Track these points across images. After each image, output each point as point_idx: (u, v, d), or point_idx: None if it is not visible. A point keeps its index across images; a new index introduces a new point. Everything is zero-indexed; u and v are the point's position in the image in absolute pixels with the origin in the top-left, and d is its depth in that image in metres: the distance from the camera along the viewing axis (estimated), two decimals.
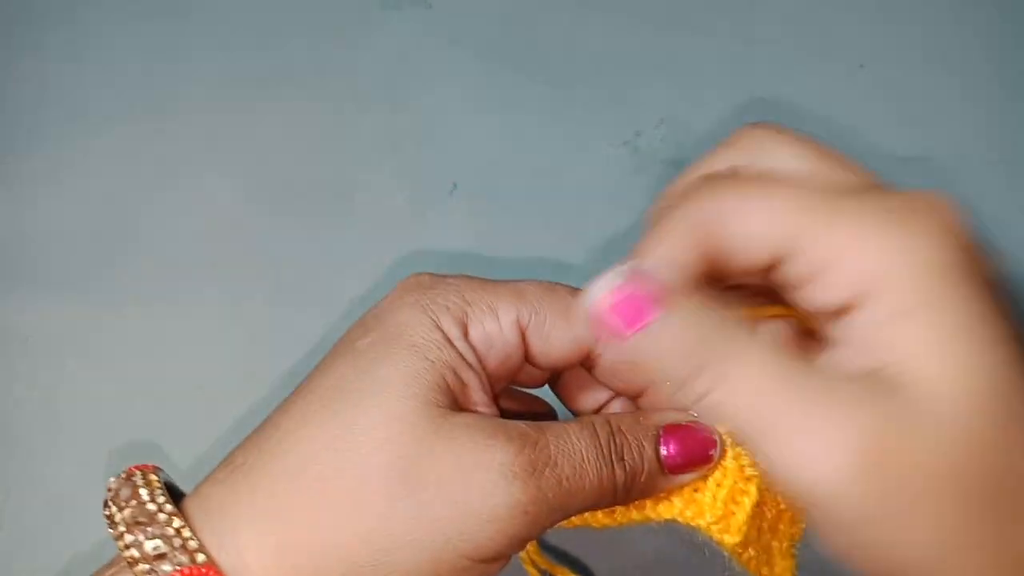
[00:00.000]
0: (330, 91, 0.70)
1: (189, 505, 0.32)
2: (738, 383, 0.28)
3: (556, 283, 0.37)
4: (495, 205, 0.65)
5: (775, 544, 0.37)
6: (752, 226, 0.30)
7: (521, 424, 0.32)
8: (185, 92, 0.70)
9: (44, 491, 0.55)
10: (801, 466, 0.27)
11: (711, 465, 0.33)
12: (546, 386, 0.40)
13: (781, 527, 0.37)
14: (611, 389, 0.38)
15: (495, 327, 0.34)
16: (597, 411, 0.39)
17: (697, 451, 0.33)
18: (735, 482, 0.33)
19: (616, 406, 0.39)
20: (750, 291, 0.34)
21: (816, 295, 0.29)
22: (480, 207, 0.65)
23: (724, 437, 0.33)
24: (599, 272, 0.39)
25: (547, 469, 0.31)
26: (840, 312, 0.29)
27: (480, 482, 0.30)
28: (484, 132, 0.68)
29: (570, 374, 0.39)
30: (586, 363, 0.37)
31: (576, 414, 0.40)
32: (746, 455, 0.33)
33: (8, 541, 0.54)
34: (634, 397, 0.38)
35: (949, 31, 0.71)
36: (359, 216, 0.65)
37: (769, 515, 0.35)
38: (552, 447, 0.32)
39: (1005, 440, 0.25)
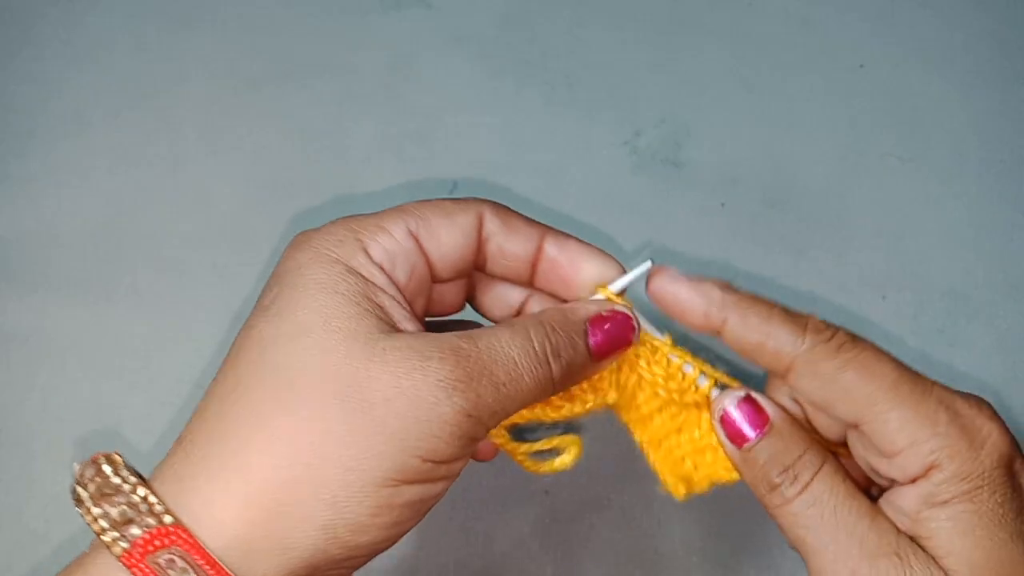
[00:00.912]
0: (329, 90, 0.70)
1: (152, 482, 0.33)
2: (813, 512, 0.35)
3: (434, 198, 0.39)
4: None
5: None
6: (841, 395, 0.35)
7: (452, 337, 0.34)
8: (185, 92, 0.70)
9: (43, 490, 0.55)
10: (837, 572, 0.34)
11: (632, 343, 0.38)
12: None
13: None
14: (504, 277, 0.40)
15: (391, 241, 0.36)
16: (518, 313, 0.42)
17: (620, 336, 0.37)
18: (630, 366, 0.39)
19: (535, 305, 0.41)
20: None
21: (890, 469, 0.35)
22: None
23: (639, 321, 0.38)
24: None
25: (483, 377, 0.33)
26: (897, 480, 0.35)
27: (423, 397, 0.32)
28: (484, 131, 0.68)
29: (481, 287, 0.41)
30: (479, 262, 0.39)
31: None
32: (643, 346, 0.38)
33: (7, 540, 0.54)
34: (523, 284, 0.40)
35: (948, 32, 0.71)
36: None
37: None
38: (486, 356, 0.34)
39: None
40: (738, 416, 0.37)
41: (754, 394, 0.38)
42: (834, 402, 0.35)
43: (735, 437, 0.37)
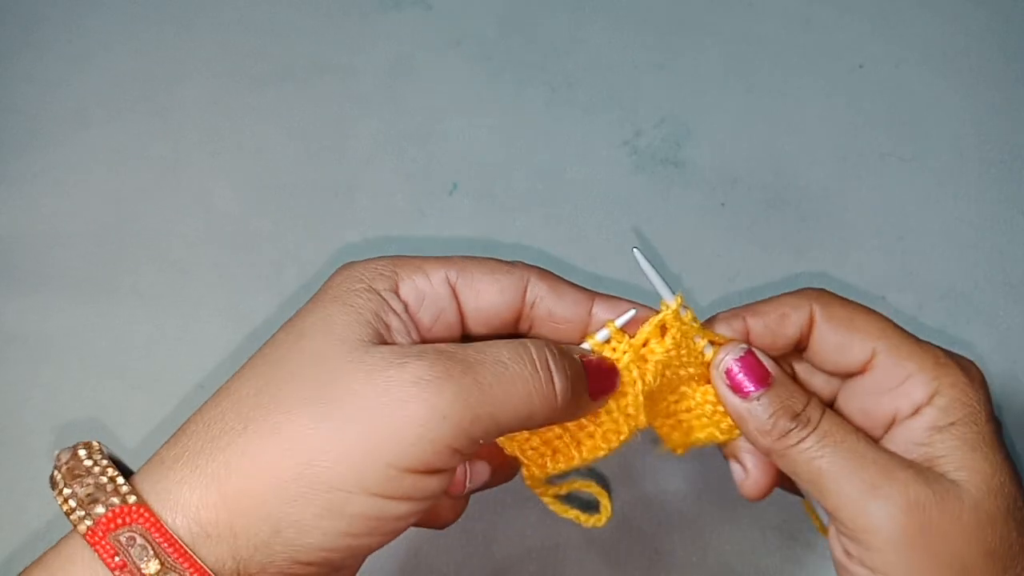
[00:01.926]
0: (329, 91, 0.70)
1: (137, 472, 0.34)
2: (827, 443, 0.38)
3: (485, 257, 0.39)
4: (495, 205, 0.65)
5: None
6: (859, 330, 0.39)
7: (441, 345, 0.34)
8: (185, 92, 0.70)
9: (44, 490, 0.55)
10: (865, 511, 0.36)
11: (616, 389, 0.39)
12: None
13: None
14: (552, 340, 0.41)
15: (425, 282, 0.37)
16: None
17: (607, 376, 0.39)
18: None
19: None
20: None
21: (894, 402, 0.39)
22: (480, 207, 0.65)
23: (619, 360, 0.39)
24: (598, 271, 0.40)
25: (465, 376, 0.32)
26: (885, 420, 0.39)
27: (394, 392, 0.32)
28: (484, 132, 0.68)
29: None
30: (521, 324, 0.39)
31: None
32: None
33: (8, 539, 0.54)
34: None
35: (948, 31, 0.71)
36: (359, 216, 0.65)
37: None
38: (471, 358, 0.33)
39: (1005, 525, 0.36)
40: (741, 370, 0.39)
41: (754, 350, 0.40)
42: (851, 339, 0.39)
43: (738, 389, 0.39)
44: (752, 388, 0.39)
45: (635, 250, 0.40)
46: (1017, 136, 0.67)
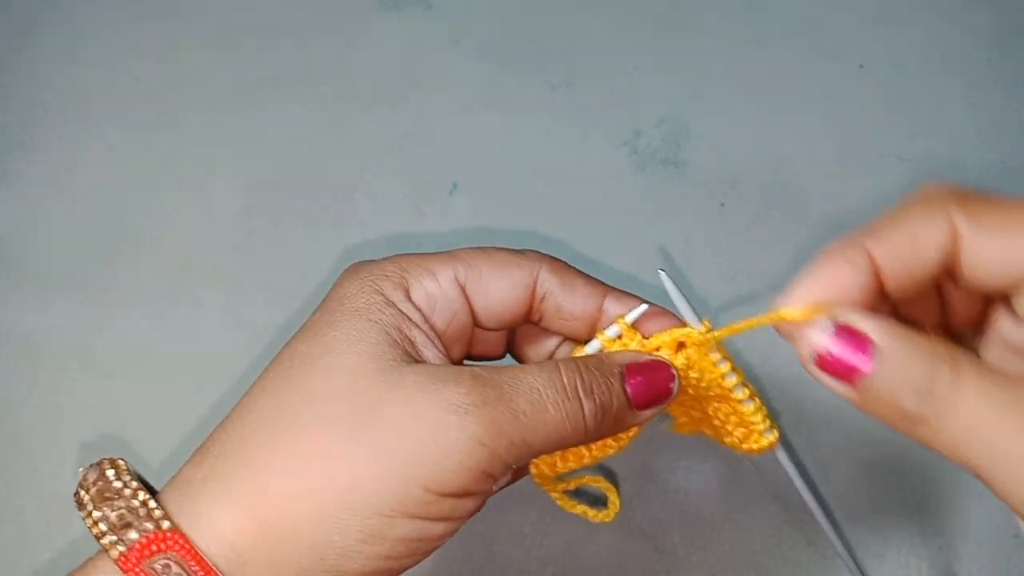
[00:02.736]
0: (330, 91, 0.70)
1: (163, 490, 0.33)
2: (971, 418, 0.28)
3: (489, 246, 0.38)
4: (495, 205, 0.65)
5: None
6: (1017, 245, 0.30)
7: (474, 367, 0.34)
8: (185, 93, 0.70)
9: (44, 489, 0.55)
10: (1018, 489, 0.28)
11: (672, 398, 0.36)
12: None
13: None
14: (561, 334, 0.39)
15: (434, 286, 0.36)
16: (552, 356, 0.41)
17: (660, 385, 0.35)
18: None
19: (564, 350, 0.40)
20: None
21: None
22: (480, 207, 0.65)
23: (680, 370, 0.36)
24: (599, 272, 0.39)
25: (500, 403, 0.32)
26: None
27: (432, 418, 0.31)
28: (484, 132, 0.68)
29: (525, 336, 0.41)
30: (532, 316, 0.38)
31: None
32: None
33: (8, 540, 0.54)
34: (581, 341, 0.39)
35: (948, 32, 0.71)
36: (359, 216, 0.65)
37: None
38: (506, 384, 0.33)
39: None
40: (839, 351, 0.30)
41: (843, 317, 0.30)
42: (1009, 240, 0.30)
43: (846, 375, 0.29)
44: (862, 368, 0.29)
45: (661, 272, 0.37)
46: (1016, 136, 0.67)
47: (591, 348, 0.38)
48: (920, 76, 0.69)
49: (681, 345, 0.37)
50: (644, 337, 0.37)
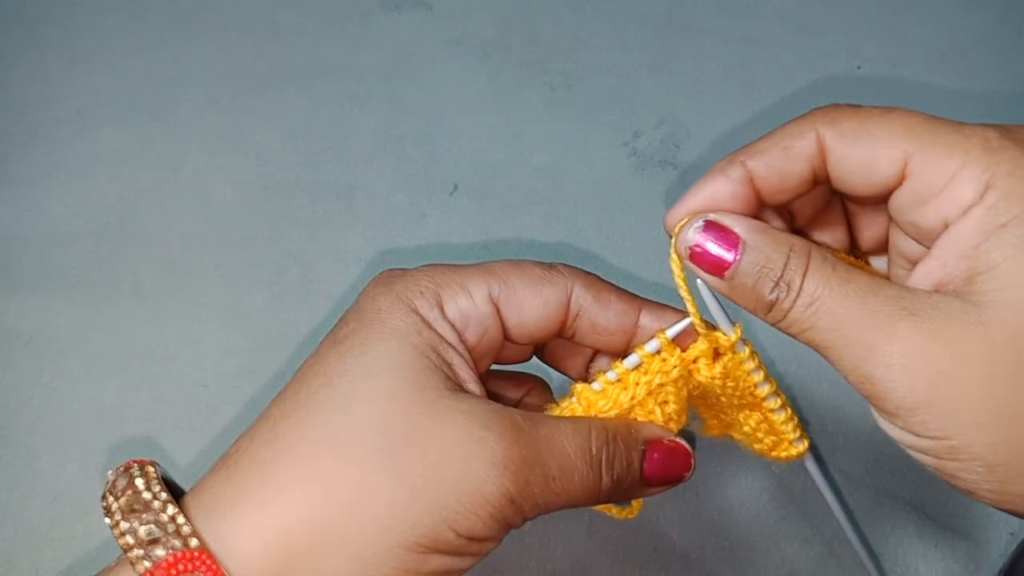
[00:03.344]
0: (330, 91, 0.70)
1: (188, 496, 0.33)
2: (814, 309, 0.32)
3: (523, 259, 0.38)
4: (495, 205, 0.65)
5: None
6: (878, 136, 0.32)
7: (516, 415, 0.33)
8: (183, 91, 0.70)
9: (46, 489, 0.55)
10: (873, 380, 0.30)
11: (687, 478, 0.37)
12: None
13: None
14: (595, 348, 0.40)
15: (468, 303, 0.36)
16: (586, 366, 0.41)
17: (676, 469, 0.36)
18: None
19: (603, 362, 0.40)
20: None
21: (940, 209, 0.31)
22: (480, 207, 0.65)
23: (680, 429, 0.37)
24: (598, 272, 0.39)
25: (536, 466, 0.33)
26: (938, 231, 0.32)
27: (473, 470, 0.32)
28: (484, 132, 0.68)
29: (554, 344, 0.40)
30: (565, 332, 0.38)
31: (567, 375, 0.41)
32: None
33: (11, 538, 0.54)
34: (616, 354, 0.39)
35: (946, 32, 0.72)
36: (359, 216, 0.65)
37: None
38: (542, 444, 0.33)
39: None
40: (709, 244, 0.34)
41: (713, 216, 0.34)
42: (872, 149, 0.32)
43: (714, 268, 0.34)
44: (728, 258, 0.33)
45: (699, 281, 0.36)
46: None
47: (630, 363, 0.37)
48: (918, 76, 0.70)
49: (717, 354, 0.37)
50: (683, 350, 0.37)
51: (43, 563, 0.54)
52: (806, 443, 0.39)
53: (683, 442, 0.37)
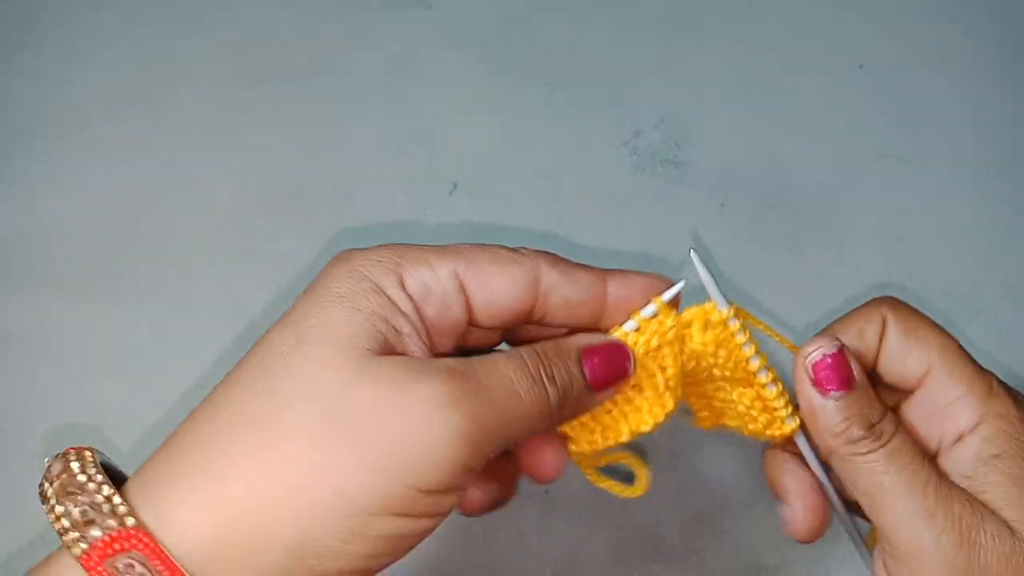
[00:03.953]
0: (330, 90, 0.70)
1: (129, 483, 0.32)
2: (893, 461, 0.37)
3: (490, 244, 0.38)
4: (495, 205, 0.65)
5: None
6: (920, 340, 0.39)
7: (448, 360, 0.33)
8: (185, 92, 0.70)
9: None
10: (919, 537, 0.36)
11: (629, 377, 0.37)
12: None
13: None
14: (567, 326, 0.40)
15: (431, 276, 0.35)
16: None
17: (616, 364, 0.37)
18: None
19: (584, 339, 0.40)
20: None
21: (940, 424, 0.38)
22: (480, 207, 0.65)
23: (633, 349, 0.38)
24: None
25: (479, 394, 0.32)
26: (933, 443, 0.39)
27: (413, 414, 0.31)
28: (484, 132, 0.68)
29: (524, 329, 0.40)
30: (535, 315, 0.38)
31: None
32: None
33: (10, 540, 0.54)
34: (588, 329, 0.39)
35: (947, 32, 0.72)
36: (359, 216, 0.65)
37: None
38: (481, 375, 0.33)
39: None
40: (829, 367, 0.38)
41: (847, 349, 0.38)
42: (910, 348, 0.38)
43: (820, 384, 0.38)
44: (834, 387, 0.38)
45: (692, 252, 0.39)
46: (1016, 136, 0.67)
47: (628, 327, 0.38)
48: (920, 76, 0.70)
49: (709, 323, 0.39)
50: (679, 314, 0.38)
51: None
52: (797, 420, 0.40)
53: (615, 339, 0.37)
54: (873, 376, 0.40)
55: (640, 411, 0.39)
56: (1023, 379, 0.59)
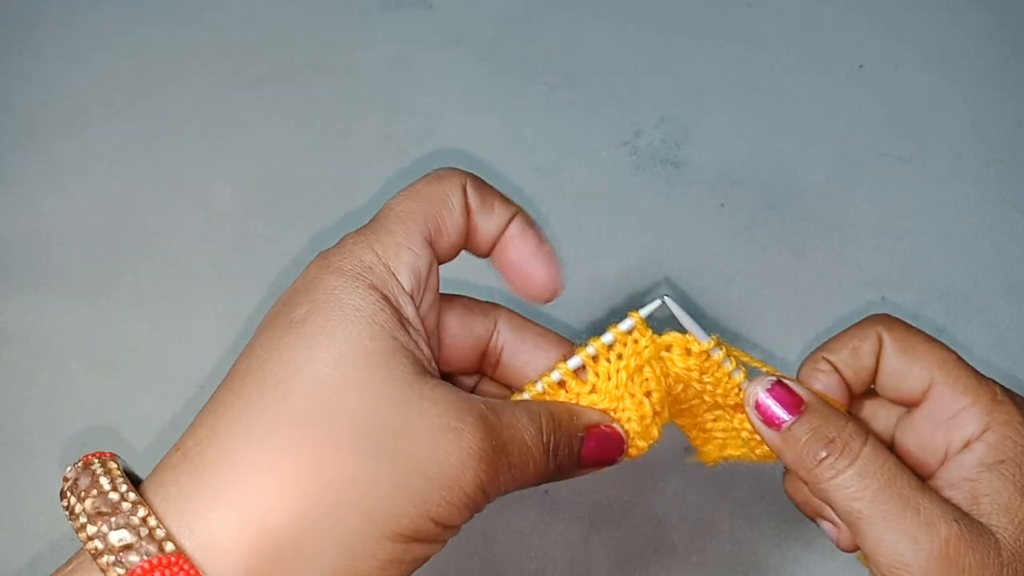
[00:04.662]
0: (330, 91, 0.70)
1: (149, 493, 0.31)
2: (867, 483, 0.36)
3: (423, 180, 0.39)
4: None
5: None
6: (919, 356, 0.39)
7: (480, 404, 0.34)
8: (185, 92, 0.70)
9: (43, 489, 0.55)
10: (903, 563, 0.35)
11: (617, 461, 0.39)
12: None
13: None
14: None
15: (412, 256, 0.36)
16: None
17: (610, 452, 0.38)
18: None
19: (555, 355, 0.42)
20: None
21: (948, 434, 0.38)
22: None
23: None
24: (598, 272, 0.39)
25: (502, 456, 0.34)
26: (938, 454, 0.39)
27: (452, 463, 0.32)
28: (484, 131, 0.68)
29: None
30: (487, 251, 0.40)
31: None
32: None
33: (7, 538, 0.54)
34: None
35: (946, 32, 0.72)
36: (359, 216, 0.64)
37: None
38: (507, 435, 0.34)
39: None
40: (771, 401, 0.38)
41: (785, 379, 0.39)
42: (910, 365, 0.39)
43: (770, 422, 0.38)
44: (784, 418, 0.38)
45: (666, 298, 0.39)
46: (1016, 136, 0.67)
47: (607, 339, 0.38)
48: (920, 76, 0.70)
49: (690, 352, 0.39)
50: (656, 335, 0.39)
51: (40, 563, 0.54)
52: None
53: (618, 428, 0.38)
54: (867, 393, 0.41)
55: (628, 436, 0.39)
56: (1022, 380, 0.59)
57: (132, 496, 0.30)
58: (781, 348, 0.58)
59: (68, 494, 0.31)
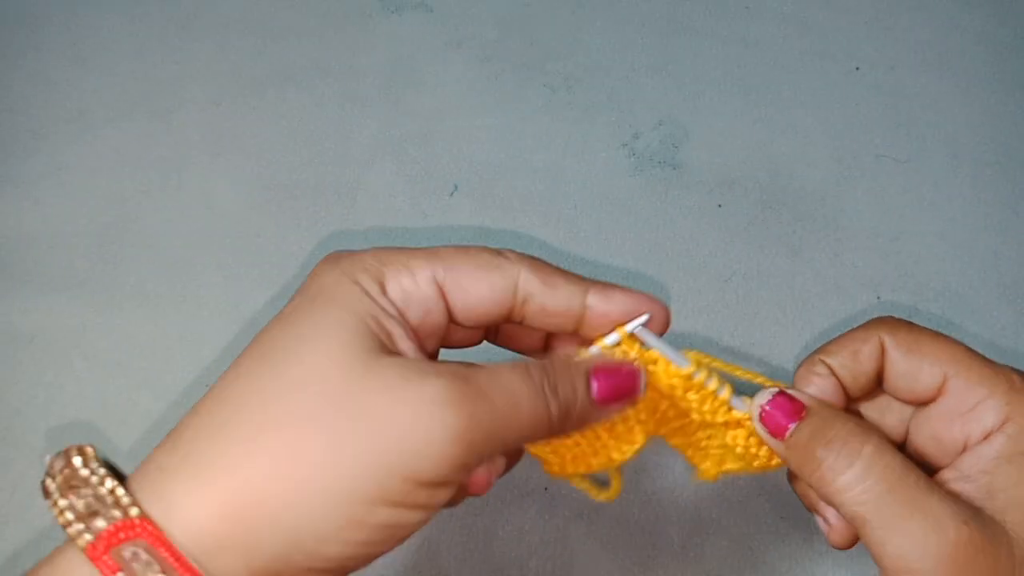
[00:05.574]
0: (331, 92, 0.70)
1: (132, 476, 0.33)
2: (870, 475, 0.35)
3: (472, 246, 0.39)
4: (495, 206, 0.65)
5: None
6: (928, 354, 0.38)
7: (453, 364, 0.34)
8: (185, 92, 0.70)
9: None
10: (910, 567, 0.34)
11: (639, 396, 0.38)
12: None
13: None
14: (546, 330, 0.40)
15: (411, 283, 0.36)
16: (542, 344, 0.42)
17: (624, 385, 0.37)
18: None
19: (557, 343, 0.41)
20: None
21: (966, 427, 0.37)
22: (480, 208, 0.65)
23: (649, 369, 0.38)
24: (597, 272, 0.40)
25: (479, 399, 0.33)
26: (956, 448, 0.38)
27: (416, 412, 0.32)
28: (484, 133, 0.68)
29: (505, 326, 0.41)
30: (514, 317, 0.39)
31: (521, 354, 0.42)
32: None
33: (13, 538, 0.54)
34: (566, 333, 0.40)
35: (944, 33, 0.72)
36: (359, 216, 0.65)
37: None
38: (483, 381, 0.34)
39: None
40: (774, 411, 0.38)
41: (787, 388, 0.39)
42: (920, 364, 0.38)
43: (776, 431, 0.38)
44: (789, 424, 0.38)
45: (640, 329, 0.38)
46: (1011, 138, 0.68)
47: (594, 351, 0.38)
48: (916, 78, 0.70)
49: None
50: (643, 347, 0.38)
51: None
52: None
53: (627, 361, 0.38)
54: (878, 389, 0.40)
55: (608, 448, 0.39)
56: None
57: (101, 471, 0.32)
58: (777, 348, 0.59)
59: (46, 477, 0.32)
